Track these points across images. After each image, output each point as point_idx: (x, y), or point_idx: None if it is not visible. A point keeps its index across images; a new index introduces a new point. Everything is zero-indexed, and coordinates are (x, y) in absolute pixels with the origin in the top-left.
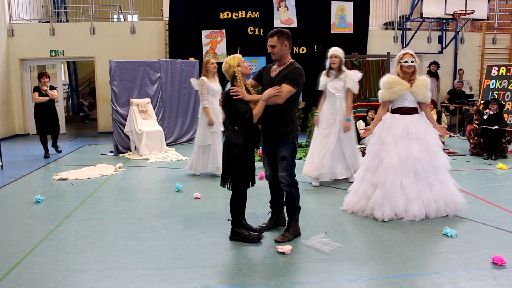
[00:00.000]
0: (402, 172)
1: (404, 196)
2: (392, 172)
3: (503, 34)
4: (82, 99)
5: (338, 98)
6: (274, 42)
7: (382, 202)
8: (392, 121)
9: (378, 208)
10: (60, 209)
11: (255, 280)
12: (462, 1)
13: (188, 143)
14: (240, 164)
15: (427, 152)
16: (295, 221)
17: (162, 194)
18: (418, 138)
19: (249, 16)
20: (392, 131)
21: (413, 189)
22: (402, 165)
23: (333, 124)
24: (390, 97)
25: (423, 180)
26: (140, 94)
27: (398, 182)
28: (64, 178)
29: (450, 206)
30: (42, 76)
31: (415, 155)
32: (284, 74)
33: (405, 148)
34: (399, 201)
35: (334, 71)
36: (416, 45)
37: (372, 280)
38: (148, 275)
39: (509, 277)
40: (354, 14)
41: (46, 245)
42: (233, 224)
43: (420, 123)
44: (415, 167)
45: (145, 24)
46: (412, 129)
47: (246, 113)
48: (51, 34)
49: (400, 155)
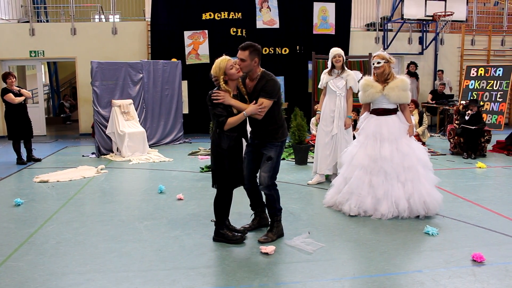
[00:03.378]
0: (372, 171)
1: (373, 194)
2: (359, 169)
3: (481, 36)
4: (63, 100)
5: (338, 96)
6: (244, 56)
7: (350, 197)
8: (367, 121)
9: (346, 203)
10: (41, 212)
11: (239, 281)
12: (441, 3)
13: (171, 144)
14: (224, 165)
15: (398, 152)
16: (277, 221)
17: (144, 195)
18: (389, 139)
19: (231, 16)
20: (364, 130)
21: (381, 188)
22: (371, 164)
23: (333, 122)
24: (365, 100)
25: (393, 180)
26: (122, 95)
27: (367, 180)
28: (45, 180)
29: (423, 206)
30: (7, 76)
31: (384, 155)
32: (259, 89)
33: (375, 148)
34: (366, 198)
35: (336, 70)
36: (397, 46)
37: (355, 279)
38: (131, 277)
39: (488, 274)
40: (336, 15)
41: (27, 249)
42: (217, 225)
43: (395, 124)
44: (385, 167)
45: (127, 25)
46: (384, 130)
47: (219, 117)
48: (31, 34)
49: (370, 154)
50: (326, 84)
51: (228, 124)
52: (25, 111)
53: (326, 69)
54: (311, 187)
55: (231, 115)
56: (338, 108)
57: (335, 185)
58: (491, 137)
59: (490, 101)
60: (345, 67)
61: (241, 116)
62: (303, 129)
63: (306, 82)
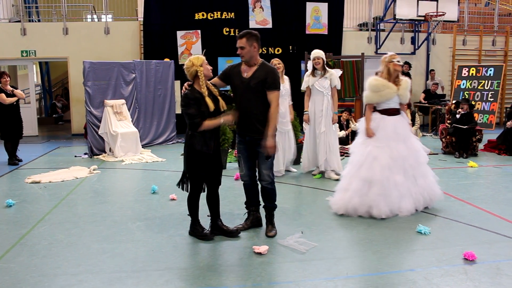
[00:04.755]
0: (394, 170)
1: (397, 193)
2: (386, 169)
3: (472, 36)
4: (55, 100)
5: (326, 96)
6: (243, 43)
7: (379, 199)
8: (382, 122)
9: (375, 206)
10: (33, 213)
11: (232, 281)
12: (433, 3)
13: (163, 144)
14: (194, 167)
15: (412, 149)
16: (273, 215)
17: (137, 196)
18: (404, 137)
19: (224, 16)
20: (382, 131)
21: (404, 186)
22: (394, 163)
23: (321, 121)
24: (378, 100)
25: (411, 177)
26: (115, 95)
27: (392, 179)
28: (37, 181)
29: (430, 198)
30: (2, 76)
31: (404, 154)
32: (261, 79)
33: (395, 147)
34: (394, 198)
35: (319, 71)
36: (389, 46)
37: (348, 279)
38: (124, 278)
39: (479, 272)
40: (329, 15)
41: (19, 250)
42: (191, 220)
43: (404, 123)
44: (404, 165)
45: (119, 25)
46: (399, 129)
47: (194, 118)
48: (22, 34)
49: (392, 154)
50: (312, 86)
51: (203, 126)
52: (18, 111)
53: (307, 72)
54: (304, 187)
55: (203, 116)
56: (326, 107)
57: (346, 188)
58: (482, 136)
59: (481, 101)
60: (326, 68)
61: (217, 122)
62: (296, 129)
63: (299, 82)
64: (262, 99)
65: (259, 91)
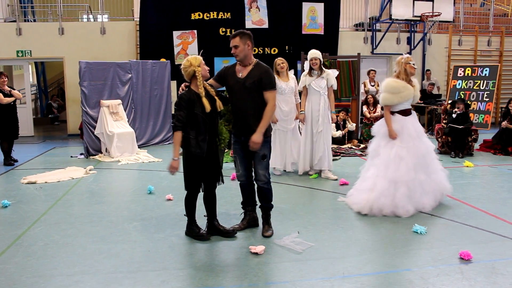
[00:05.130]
0: (419, 169)
1: (421, 190)
2: (412, 170)
3: (468, 36)
4: (51, 100)
5: (323, 95)
6: (236, 42)
7: (405, 200)
8: (404, 122)
9: (401, 207)
10: (29, 214)
11: (229, 281)
12: (429, 3)
13: (160, 145)
14: (191, 167)
15: (428, 147)
16: (269, 215)
17: (133, 196)
18: (421, 136)
19: (220, 16)
20: (406, 130)
21: (426, 183)
22: (418, 162)
23: (318, 121)
24: (398, 102)
25: (430, 173)
26: (111, 96)
27: (417, 179)
28: (33, 181)
29: (441, 193)
30: (0, 76)
31: (424, 152)
32: (256, 79)
33: (418, 146)
34: (418, 196)
35: (316, 71)
36: (385, 46)
37: (345, 278)
38: (120, 278)
39: (475, 271)
40: (325, 15)
41: (14, 251)
42: (187, 220)
43: (417, 121)
44: (425, 162)
45: (116, 25)
46: (417, 128)
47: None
48: (18, 34)
49: (417, 154)
50: (309, 86)
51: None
52: (15, 111)
53: (304, 72)
54: (300, 187)
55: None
56: (322, 106)
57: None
58: (478, 136)
59: (477, 101)
60: (323, 68)
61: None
62: None
63: None
64: (258, 99)
65: (254, 91)
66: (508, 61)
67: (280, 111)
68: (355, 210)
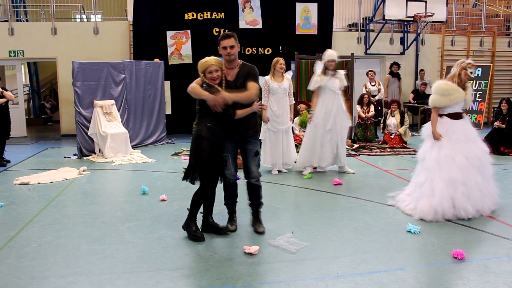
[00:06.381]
0: (473, 171)
1: (479, 193)
2: (465, 170)
3: (461, 36)
4: (44, 101)
5: (337, 95)
6: (232, 42)
7: (465, 200)
8: (452, 125)
9: (462, 208)
10: (22, 215)
11: (223, 281)
12: (422, 4)
13: (153, 145)
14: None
15: (483, 150)
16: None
17: (127, 197)
18: (474, 139)
19: (214, 17)
20: (453, 134)
21: (484, 186)
22: (471, 164)
23: (331, 120)
24: (447, 104)
25: (488, 176)
26: (104, 96)
27: (473, 180)
28: (26, 182)
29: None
30: None
31: (478, 154)
32: (244, 74)
33: (469, 148)
34: (477, 198)
35: (331, 72)
36: (379, 46)
37: (339, 278)
38: (114, 279)
39: (468, 270)
40: (319, 15)
41: (7, 252)
42: (188, 216)
43: (471, 125)
44: (480, 165)
45: (109, 25)
46: (469, 131)
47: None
48: (10, 34)
49: (468, 155)
50: (324, 86)
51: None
52: (7, 112)
53: (318, 72)
54: (294, 187)
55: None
56: (336, 106)
57: (431, 194)
58: None
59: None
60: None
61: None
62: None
63: None
64: None
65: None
66: (500, 61)
67: (271, 111)
68: (417, 217)
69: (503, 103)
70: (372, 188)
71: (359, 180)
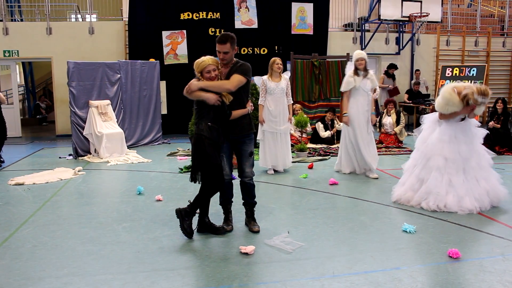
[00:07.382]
0: (450, 171)
1: (454, 193)
2: (436, 170)
3: (456, 36)
4: (39, 101)
5: (369, 96)
6: (227, 48)
7: (427, 196)
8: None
9: (423, 201)
10: (16, 215)
11: (219, 281)
12: (417, 4)
13: (149, 145)
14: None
15: (475, 152)
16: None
17: (123, 197)
18: (468, 140)
19: (210, 17)
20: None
21: (463, 186)
22: (450, 164)
23: (364, 122)
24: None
25: (472, 178)
26: (100, 96)
27: (445, 179)
28: (21, 183)
29: (498, 198)
30: None
31: (465, 156)
32: (234, 71)
33: (453, 149)
34: (447, 197)
35: (362, 72)
36: (374, 46)
37: (335, 278)
38: (109, 280)
39: (463, 269)
40: (314, 15)
41: (1, 253)
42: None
43: (470, 127)
44: (464, 166)
45: (104, 24)
46: (466, 131)
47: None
48: (5, 34)
49: (447, 156)
50: (358, 87)
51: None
52: (0, 113)
53: (350, 73)
54: (290, 186)
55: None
56: (369, 107)
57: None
58: None
59: None
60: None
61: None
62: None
63: None
64: (241, 95)
65: (239, 88)
66: (495, 61)
67: (268, 111)
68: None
69: (498, 103)
70: (368, 188)
71: (355, 179)
